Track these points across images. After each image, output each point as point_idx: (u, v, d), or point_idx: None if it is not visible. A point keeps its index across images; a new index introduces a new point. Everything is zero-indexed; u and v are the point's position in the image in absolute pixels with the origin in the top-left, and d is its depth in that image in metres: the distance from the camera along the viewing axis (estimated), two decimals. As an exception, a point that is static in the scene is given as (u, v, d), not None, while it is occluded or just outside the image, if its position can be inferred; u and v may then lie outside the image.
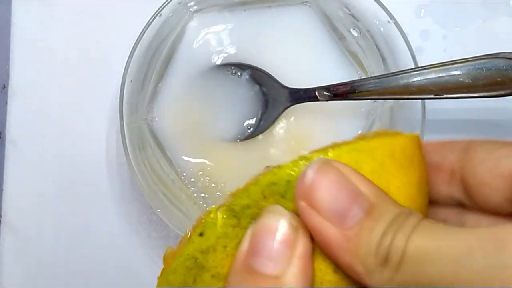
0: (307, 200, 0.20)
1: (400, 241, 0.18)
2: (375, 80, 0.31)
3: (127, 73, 0.34)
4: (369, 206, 0.19)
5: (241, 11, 0.37)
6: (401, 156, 0.22)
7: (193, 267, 0.20)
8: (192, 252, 0.20)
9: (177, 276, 0.20)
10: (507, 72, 0.29)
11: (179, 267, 0.20)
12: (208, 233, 0.20)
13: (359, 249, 0.19)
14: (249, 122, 0.36)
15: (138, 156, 0.35)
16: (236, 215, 0.21)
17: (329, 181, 0.20)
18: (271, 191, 0.20)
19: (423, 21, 0.41)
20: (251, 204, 0.21)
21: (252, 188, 0.21)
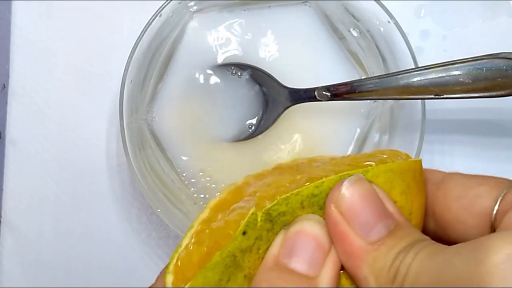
0: (337, 207, 0.21)
1: (408, 260, 0.19)
2: (375, 80, 0.31)
3: (127, 73, 0.34)
4: (394, 227, 0.21)
5: (241, 11, 0.37)
6: (419, 180, 0.23)
7: (231, 265, 0.20)
8: (233, 250, 0.20)
9: (215, 273, 0.20)
10: (507, 72, 0.29)
11: (220, 264, 0.20)
12: (249, 233, 0.21)
13: (375, 263, 0.20)
14: (250, 122, 0.36)
15: (138, 156, 0.35)
16: (272, 220, 0.21)
17: (362, 194, 0.21)
18: (310, 202, 0.21)
19: (423, 21, 0.41)
20: (287, 212, 0.21)
21: (292, 197, 0.21)
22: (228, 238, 0.21)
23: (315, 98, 0.34)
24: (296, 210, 0.21)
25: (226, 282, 0.20)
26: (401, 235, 0.20)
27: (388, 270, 0.19)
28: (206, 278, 0.20)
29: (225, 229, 0.22)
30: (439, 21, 0.41)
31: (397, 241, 0.20)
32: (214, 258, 0.20)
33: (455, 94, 0.30)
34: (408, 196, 0.22)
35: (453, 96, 0.30)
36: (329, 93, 0.33)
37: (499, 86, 0.29)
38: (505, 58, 0.29)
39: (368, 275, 0.20)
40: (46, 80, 0.41)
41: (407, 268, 0.19)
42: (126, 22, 0.41)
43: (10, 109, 0.41)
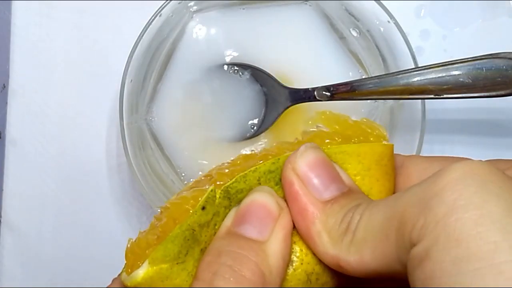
0: (294, 168, 0.22)
1: (358, 214, 0.20)
2: (375, 80, 0.31)
3: (127, 73, 0.34)
4: (346, 190, 0.22)
5: (241, 10, 0.37)
6: (388, 164, 0.24)
7: (190, 239, 0.21)
8: (192, 224, 0.21)
9: (175, 245, 0.21)
10: (507, 72, 0.29)
11: (179, 237, 0.21)
12: (208, 209, 0.21)
13: (328, 219, 0.21)
14: (252, 122, 0.36)
15: (138, 156, 0.35)
16: (230, 197, 0.22)
17: (317, 158, 0.22)
18: (267, 178, 0.22)
19: (423, 21, 0.41)
20: (245, 189, 0.22)
21: (250, 174, 0.22)
22: (186, 214, 0.21)
23: (315, 98, 0.34)
24: (253, 186, 0.22)
25: (185, 255, 0.21)
26: (353, 197, 0.21)
27: (339, 225, 0.20)
28: (166, 250, 0.20)
29: (182, 205, 0.22)
30: (439, 21, 0.41)
31: (349, 201, 0.21)
32: (175, 231, 0.21)
33: (455, 94, 0.30)
34: (366, 178, 0.23)
35: (453, 96, 0.30)
36: (329, 93, 0.33)
37: (499, 86, 0.29)
38: (505, 58, 0.29)
39: (321, 230, 0.21)
40: (46, 80, 0.41)
41: (358, 220, 0.20)
42: (126, 22, 0.41)
43: (10, 109, 0.41)
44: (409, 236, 0.17)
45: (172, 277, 0.20)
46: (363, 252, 0.19)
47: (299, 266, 0.21)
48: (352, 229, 0.20)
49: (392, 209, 0.19)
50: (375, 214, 0.20)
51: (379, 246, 0.19)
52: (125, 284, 0.21)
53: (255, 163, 0.23)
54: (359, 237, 0.20)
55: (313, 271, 0.21)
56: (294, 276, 0.21)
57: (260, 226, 0.21)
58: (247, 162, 0.24)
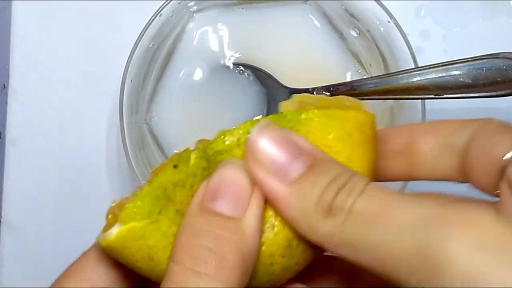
0: (251, 156, 0.20)
1: (346, 199, 0.19)
2: (375, 80, 0.31)
3: (127, 73, 0.34)
4: (312, 161, 0.20)
5: (241, 10, 0.37)
6: (369, 132, 0.23)
7: (162, 198, 0.20)
8: (163, 182, 0.20)
9: (145, 203, 0.20)
10: (507, 72, 0.29)
11: (149, 195, 0.20)
12: (181, 167, 0.21)
13: (301, 203, 0.19)
14: (258, 117, 0.36)
15: (138, 156, 0.35)
16: (208, 158, 0.21)
17: (271, 137, 0.20)
18: (246, 138, 0.21)
19: (423, 21, 0.41)
20: (224, 151, 0.21)
21: (229, 134, 0.21)
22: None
23: (315, 98, 0.34)
24: (233, 148, 0.21)
25: (157, 214, 0.20)
26: (321, 169, 0.20)
27: (315, 206, 0.19)
28: (136, 207, 0.20)
29: (159, 168, 0.22)
30: (439, 21, 0.41)
31: (318, 175, 0.19)
32: (144, 189, 0.20)
33: (455, 94, 0.30)
34: (347, 144, 0.22)
35: (453, 96, 0.30)
36: (329, 93, 0.33)
37: (499, 86, 0.29)
38: (505, 58, 0.29)
39: (296, 215, 0.19)
40: (46, 80, 0.41)
41: (348, 208, 0.18)
42: (126, 22, 0.41)
43: (10, 109, 0.41)
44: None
45: (145, 237, 0.20)
46: (360, 249, 0.18)
47: (280, 231, 0.21)
48: (342, 211, 0.18)
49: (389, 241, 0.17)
50: (371, 215, 0.18)
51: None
52: (100, 244, 0.21)
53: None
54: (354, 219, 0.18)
55: (294, 237, 0.21)
56: (275, 241, 0.21)
57: (235, 203, 0.20)
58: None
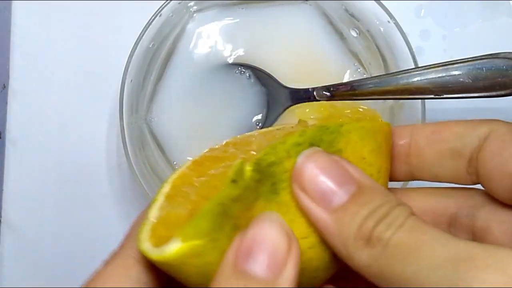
0: (298, 182, 0.21)
1: (385, 231, 0.19)
2: (375, 80, 0.31)
3: (127, 73, 0.34)
4: (356, 190, 0.20)
5: (241, 10, 0.37)
6: (389, 143, 0.23)
7: (221, 215, 0.20)
8: (223, 199, 0.20)
9: (207, 221, 0.19)
10: (507, 72, 0.29)
11: (211, 212, 0.19)
12: (238, 182, 0.20)
13: (342, 232, 0.19)
14: (257, 118, 0.36)
15: (138, 156, 0.35)
16: (261, 170, 0.21)
17: (318, 165, 0.21)
18: (295, 151, 0.21)
19: (423, 21, 0.41)
20: (275, 162, 0.21)
21: (279, 146, 0.21)
22: (215, 190, 0.20)
23: (315, 98, 0.34)
24: (283, 159, 0.21)
25: (217, 232, 0.20)
26: (364, 200, 0.20)
27: (355, 236, 0.19)
28: (198, 226, 0.19)
29: (210, 182, 0.21)
30: (439, 21, 0.41)
31: (361, 205, 0.20)
32: (206, 206, 0.19)
33: (455, 94, 0.30)
34: (378, 155, 0.22)
35: (453, 96, 0.30)
36: (329, 93, 0.33)
37: (499, 86, 0.29)
38: (505, 58, 0.29)
39: (336, 243, 0.20)
40: (46, 80, 0.41)
41: (386, 239, 0.18)
42: (126, 22, 0.41)
43: (10, 109, 0.41)
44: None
45: (204, 255, 0.19)
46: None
47: (329, 248, 0.21)
48: (380, 242, 0.18)
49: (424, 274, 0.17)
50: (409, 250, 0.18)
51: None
52: (150, 256, 0.20)
53: (273, 136, 0.22)
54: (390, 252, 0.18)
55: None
56: (324, 257, 0.21)
57: (270, 264, 0.19)
58: (265, 136, 0.23)
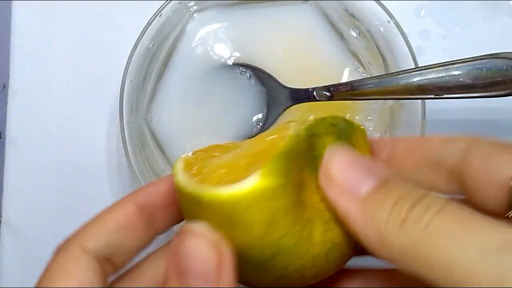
0: (326, 175, 0.21)
1: (424, 213, 0.18)
2: (375, 80, 0.31)
3: (127, 73, 0.34)
4: (384, 177, 0.21)
5: (241, 10, 0.37)
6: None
7: (289, 162, 0.20)
8: (289, 146, 0.20)
9: (283, 163, 0.20)
10: (507, 72, 0.29)
11: (284, 155, 0.20)
12: (298, 137, 0.21)
13: (373, 217, 0.19)
14: (258, 118, 0.37)
15: (138, 156, 0.35)
16: (309, 136, 0.22)
17: (344, 157, 0.21)
18: (331, 130, 0.22)
19: (423, 21, 0.41)
20: (318, 134, 0.22)
21: (320, 121, 0.22)
22: (273, 146, 0.21)
23: (315, 98, 0.34)
24: (323, 134, 0.22)
25: (288, 178, 0.20)
26: (394, 185, 0.20)
27: (388, 218, 0.19)
28: (277, 164, 0.20)
29: (263, 137, 0.23)
30: (439, 21, 0.41)
31: (391, 190, 0.20)
32: (278, 150, 0.20)
33: (455, 94, 0.30)
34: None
35: (453, 96, 0.30)
36: (329, 93, 0.33)
37: (499, 86, 0.29)
38: (505, 58, 0.29)
39: (366, 230, 0.20)
40: (46, 80, 0.41)
41: (426, 223, 0.18)
42: (126, 22, 0.41)
43: (10, 109, 0.41)
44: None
45: (273, 199, 0.20)
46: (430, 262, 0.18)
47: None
48: (419, 225, 0.18)
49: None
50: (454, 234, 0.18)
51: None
52: (219, 195, 0.20)
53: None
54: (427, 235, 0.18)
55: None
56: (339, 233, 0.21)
57: (205, 277, 0.19)
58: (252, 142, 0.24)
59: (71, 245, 0.24)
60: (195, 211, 0.21)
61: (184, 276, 0.20)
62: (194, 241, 0.20)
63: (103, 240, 0.23)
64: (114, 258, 0.24)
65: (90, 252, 0.23)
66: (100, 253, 0.23)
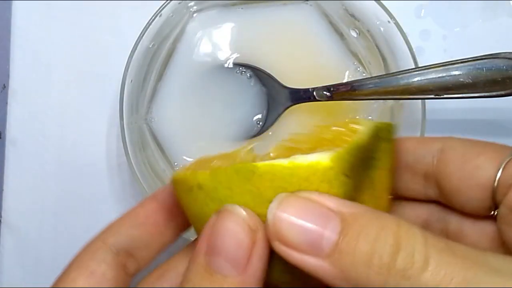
0: (279, 239, 0.19)
1: (412, 266, 0.17)
2: (375, 80, 0.31)
3: (127, 73, 0.34)
4: (342, 224, 0.18)
5: (241, 10, 0.37)
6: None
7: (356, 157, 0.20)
8: (357, 143, 0.20)
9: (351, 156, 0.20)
10: (507, 72, 0.29)
11: (354, 148, 0.20)
12: (366, 133, 0.21)
13: (348, 272, 0.18)
14: (258, 117, 0.36)
15: (138, 156, 0.35)
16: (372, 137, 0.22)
17: (291, 212, 0.19)
18: (382, 134, 0.22)
19: (423, 21, 0.41)
20: (376, 136, 0.22)
21: (384, 126, 0.23)
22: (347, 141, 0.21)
23: (315, 98, 0.34)
24: (382, 140, 0.22)
25: (352, 170, 0.20)
26: (356, 232, 0.18)
27: (367, 273, 0.18)
28: (348, 157, 0.20)
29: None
30: (439, 21, 0.41)
31: (356, 240, 0.18)
32: (355, 141, 0.20)
33: (455, 94, 0.30)
34: (390, 173, 0.23)
35: (453, 96, 0.30)
36: (329, 93, 0.33)
37: (499, 86, 0.29)
38: (505, 58, 0.29)
39: (349, 282, 0.18)
40: (46, 80, 0.41)
41: (419, 275, 0.17)
42: (126, 22, 0.41)
43: (10, 109, 0.41)
44: None
45: (334, 184, 0.19)
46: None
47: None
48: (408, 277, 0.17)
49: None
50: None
51: None
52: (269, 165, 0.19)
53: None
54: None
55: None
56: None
57: (232, 262, 0.19)
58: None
59: (94, 241, 0.24)
60: (235, 188, 0.20)
61: (213, 255, 0.20)
62: (232, 221, 0.20)
63: (123, 235, 0.24)
64: (136, 252, 0.24)
65: (110, 246, 0.23)
66: (120, 247, 0.24)
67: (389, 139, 0.23)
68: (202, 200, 0.21)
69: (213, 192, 0.21)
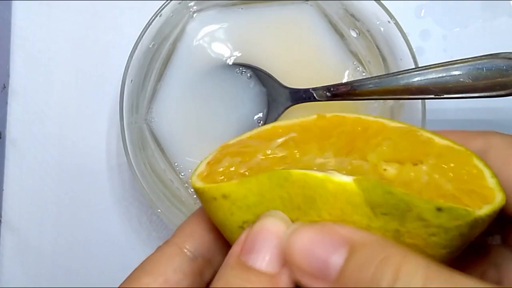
0: (291, 263, 0.19)
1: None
2: (375, 80, 0.31)
3: (127, 73, 0.34)
4: (349, 251, 0.19)
5: (241, 10, 0.37)
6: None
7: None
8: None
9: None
10: (507, 72, 0.29)
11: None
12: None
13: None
14: (258, 117, 0.36)
15: (138, 156, 0.35)
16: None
17: (304, 239, 0.19)
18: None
19: (423, 21, 0.41)
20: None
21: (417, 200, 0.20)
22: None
23: (315, 98, 0.34)
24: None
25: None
26: (360, 261, 0.18)
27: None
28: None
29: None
30: (439, 21, 0.41)
31: (358, 268, 0.18)
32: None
33: (455, 94, 0.30)
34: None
35: (453, 96, 0.30)
36: (329, 93, 0.33)
37: (499, 86, 0.29)
38: (505, 58, 0.29)
39: None
40: (46, 80, 0.41)
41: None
42: (126, 22, 0.41)
43: (10, 109, 0.41)
44: None
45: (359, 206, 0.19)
46: None
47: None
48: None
49: None
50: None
51: None
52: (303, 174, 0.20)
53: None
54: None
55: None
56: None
57: (270, 257, 0.19)
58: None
59: (169, 244, 0.23)
60: (267, 194, 0.20)
61: (251, 253, 0.19)
62: (270, 221, 0.20)
63: (198, 239, 0.23)
64: (214, 258, 0.24)
65: (187, 252, 0.23)
66: (198, 253, 0.23)
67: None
68: (227, 209, 0.21)
69: (241, 200, 0.21)
